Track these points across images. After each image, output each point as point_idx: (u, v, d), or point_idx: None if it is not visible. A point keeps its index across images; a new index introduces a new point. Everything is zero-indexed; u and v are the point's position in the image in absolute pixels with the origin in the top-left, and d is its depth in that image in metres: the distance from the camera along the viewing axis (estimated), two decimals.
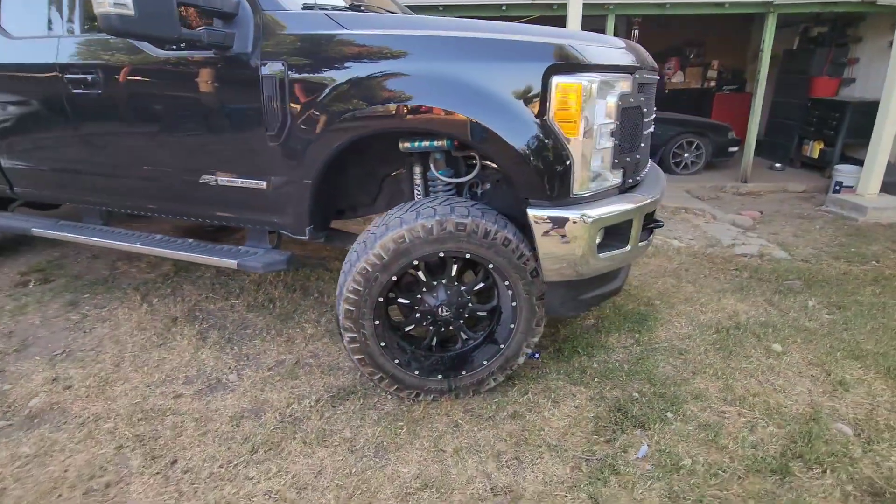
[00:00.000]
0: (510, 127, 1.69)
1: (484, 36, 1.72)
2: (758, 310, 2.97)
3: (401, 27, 1.86)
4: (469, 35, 1.73)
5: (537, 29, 1.81)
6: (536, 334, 2.07)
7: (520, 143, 1.69)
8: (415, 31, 1.79)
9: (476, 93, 1.70)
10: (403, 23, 2.00)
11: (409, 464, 1.78)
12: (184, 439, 1.91)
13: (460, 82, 1.71)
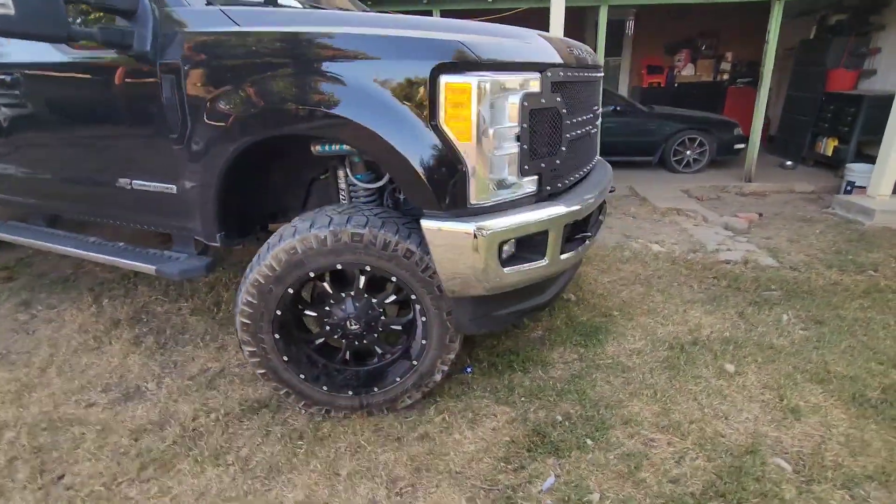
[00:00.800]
0: (398, 131, 1.56)
1: (370, 32, 1.59)
2: (725, 324, 2.76)
3: (294, 23, 1.74)
4: (353, 31, 1.60)
5: (432, 22, 1.67)
6: (451, 351, 1.94)
7: (408, 149, 1.56)
8: (303, 27, 1.67)
9: (363, 94, 1.57)
10: (301, 18, 1.88)
11: (296, 488, 1.68)
12: (79, 452, 1.86)
13: (346, 83, 1.58)
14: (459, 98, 1.50)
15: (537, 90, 1.64)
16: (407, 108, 1.54)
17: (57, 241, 2.61)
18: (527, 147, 1.66)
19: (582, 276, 3.41)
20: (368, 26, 1.66)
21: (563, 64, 1.77)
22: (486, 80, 1.50)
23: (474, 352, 2.44)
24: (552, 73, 1.69)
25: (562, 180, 1.89)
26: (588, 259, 3.72)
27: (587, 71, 2.04)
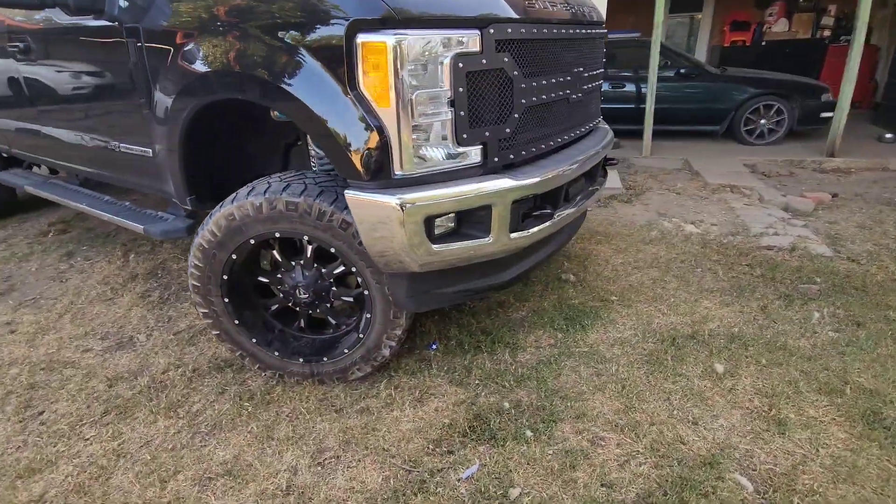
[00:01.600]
0: (317, 96, 1.48)
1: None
2: (738, 318, 2.45)
3: None
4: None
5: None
6: (397, 327, 1.88)
7: (329, 116, 1.48)
8: None
9: (287, 58, 1.50)
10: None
11: (228, 447, 1.74)
12: (62, 393, 2.05)
13: (272, 47, 1.52)
14: (376, 59, 1.38)
15: (476, 49, 1.48)
16: (326, 72, 1.45)
17: (76, 197, 2.84)
18: (464, 113, 1.52)
19: (592, 255, 3.18)
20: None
21: (519, 19, 1.57)
22: (405, 37, 1.36)
23: (447, 328, 2.37)
24: (497, 30, 1.50)
25: (520, 150, 1.72)
26: (607, 236, 3.45)
27: (566, 27, 1.81)
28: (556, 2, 1.77)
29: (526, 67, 1.64)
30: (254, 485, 1.59)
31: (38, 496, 1.57)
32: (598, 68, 2.22)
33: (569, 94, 1.92)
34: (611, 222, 3.76)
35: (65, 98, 2.49)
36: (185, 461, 1.68)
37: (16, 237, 3.83)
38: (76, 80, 2.37)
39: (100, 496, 1.56)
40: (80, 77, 2.34)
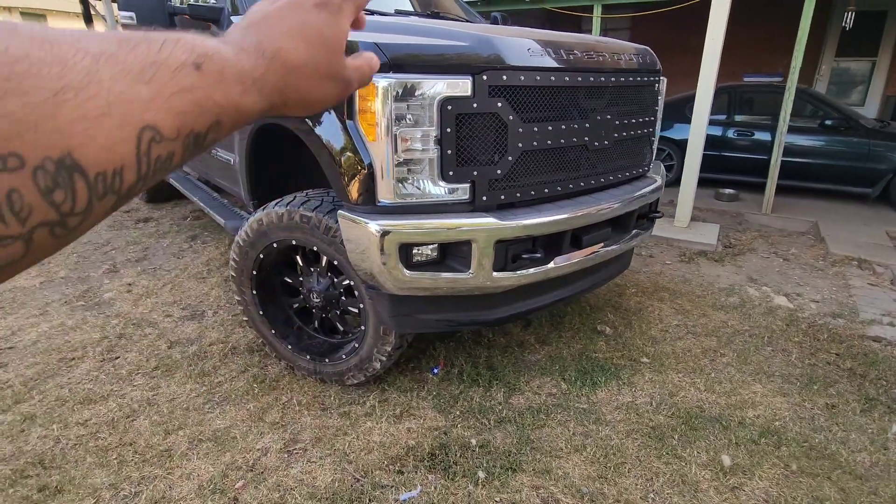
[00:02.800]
0: (324, 126, 1.68)
1: None
2: (790, 412, 2.10)
3: None
4: None
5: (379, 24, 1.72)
6: (387, 343, 2.00)
7: (328, 142, 1.68)
8: None
9: None
10: None
11: (226, 418, 2.00)
12: (137, 345, 2.54)
13: None
14: (368, 98, 1.55)
15: (467, 94, 1.57)
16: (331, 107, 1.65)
17: (195, 192, 3.47)
18: (451, 152, 1.61)
19: (645, 310, 2.95)
20: None
21: (517, 67, 1.62)
22: (393, 80, 1.51)
23: (456, 356, 2.42)
24: (491, 77, 1.57)
25: (515, 192, 1.75)
26: (673, 293, 3.17)
27: (584, 74, 1.80)
28: (572, 49, 1.77)
29: (525, 112, 1.67)
30: (229, 455, 1.82)
31: (84, 421, 1.98)
32: (639, 116, 2.12)
33: (588, 140, 1.88)
34: (686, 280, 3.44)
35: None
36: (190, 421, 1.98)
37: (165, 218, 4.75)
38: None
39: (122, 431, 1.92)
40: None
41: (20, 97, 0.21)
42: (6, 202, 0.21)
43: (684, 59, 7.00)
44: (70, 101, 0.22)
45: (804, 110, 5.55)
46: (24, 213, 0.21)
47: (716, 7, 3.83)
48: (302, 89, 0.36)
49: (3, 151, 0.20)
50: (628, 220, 2.16)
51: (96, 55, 0.24)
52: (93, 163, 0.23)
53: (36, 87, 0.21)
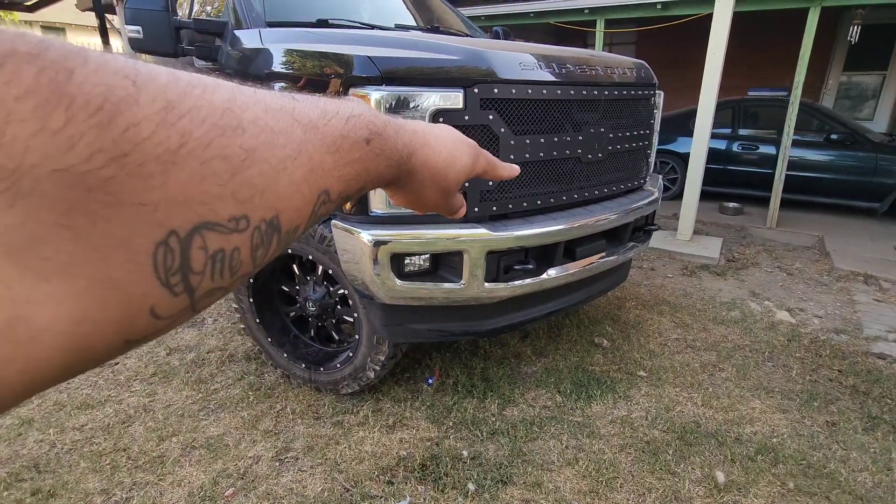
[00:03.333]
0: None
1: (308, 48, 1.78)
2: (789, 429, 2.07)
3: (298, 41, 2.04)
4: (305, 48, 1.81)
5: (357, 36, 1.76)
6: (380, 353, 2.00)
7: None
8: (293, 44, 1.95)
9: None
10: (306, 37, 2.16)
11: (220, 425, 2.01)
12: (138, 352, 2.56)
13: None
14: None
15: (458, 106, 1.59)
16: None
17: None
18: None
19: (644, 323, 2.93)
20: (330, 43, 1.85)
21: (508, 80, 1.64)
22: (385, 93, 1.54)
23: (452, 367, 2.41)
24: (482, 90, 1.60)
25: (507, 203, 1.76)
26: (673, 307, 3.15)
27: (577, 87, 1.82)
28: (565, 63, 1.79)
29: (517, 125, 1.69)
30: (221, 462, 1.82)
31: (80, 426, 2.00)
32: (634, 129, 2.13)
33: (581, 153, 1.89)
34: (687, 293, 3.41)
35: None
36: (184, 427, 1.99)
37: None
38: None
39: (116, 436, 1.94)
40: None
41: (258, 165, 0.23)
42: (230, 259, 0.22)
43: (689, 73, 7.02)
44: (288, 169, 0.24)
45: (810, 124, 5.53)
46: (236, 268, 0.23)
47: (717, 22, 3.85)
48: (425, 185, 0.40)
49: (239, 214, 0.22)
50: (624, 232, 2.16)
51: (306, 126, 0.26)
52: (288, 222, 0.25)
53: (270, 156, 0.23)
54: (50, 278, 0.17)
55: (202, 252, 0.21)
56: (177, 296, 0.21)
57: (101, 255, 0.18)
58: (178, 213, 0.20)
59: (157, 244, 0.19)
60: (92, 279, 0.18)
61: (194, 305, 0.22)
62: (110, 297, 0.19)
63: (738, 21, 4.14)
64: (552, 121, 1.79)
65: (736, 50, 4.97)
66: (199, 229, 0.20)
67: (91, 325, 0.19)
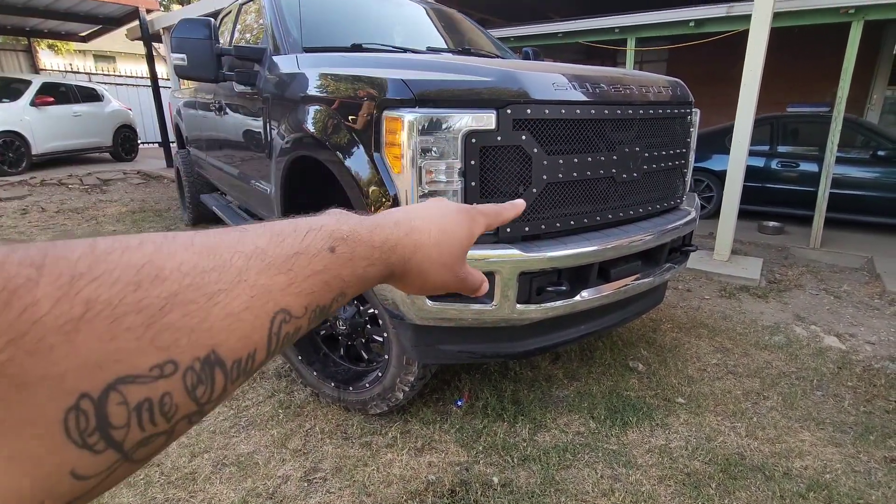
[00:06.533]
0: (353, 157, 1.74)
1: (342, 72, 1.81)
2: (843, 464, 1.94)
3: (330, 65, 2.09)
4: (338, 72, 1.84)
5: (391, 59, 1.78)
6: (410, 373, 1.98)
7: (356, 173, 1.72)
8: (325, 69, 2.00)
9: (334, 124, 1.81)
10: (334, 61, 2.21)
11: (250, 443, 2.02)
12: None
13: (326, 114, 1.85)
14: (395, 131, 1.59)
15: (491, 127, 1.59)
16: (359, 139, 1.71)
17: (235, 219, 3.62)
18: (475, 184, 1.62)
19: (682, 347, 2.83)
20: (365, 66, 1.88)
21: (541, 101, 1.63)
22: (419, 115, 1.55)
23: (481, 388, 2.37)
24: (515, 110, 1.59)
25: (540, 224, 1.73)
26: (712, 330, 3.03)
27: (610, 107, 1.79)
28: (598, 83, 1.77)
29: (550, 145, 1.68)
30: (251, 480, 1.82)
31: None
32: (670, 148, 2.08)
33: (615, 173, 1.86)
34: (726, 316, 3.28)
35: (233, 143, 3.27)
36: (216, 444, 2.01)
37: None
38: (238, 131, 3.11)
39: None
40: (240, 129, 3.07)
41: (182, 308, 0.22)
42: (159, 405, 0.22)
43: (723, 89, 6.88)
44: (221, 303, 0.24)
45: (854, 141, 5.32)
46: (171, 413, 0.22)
47: (753, 39, 3.77)
48: (423, 269, 0.39)
49: (163, 360, 0.21)
50: (660, 253, 2.09)
51: (249, 255, 0.26)
52: (231, 353, 0.24)
53: (196, 296, 0.23)
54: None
55: (122, 407, 0.21)
56: (99, 454, 0.20)
57: (11, 432, 0.18)
58: (87, 377, 0.20)
59: (67, 410, 0.19)
60: (1, 456, 0.18)
61: (128, 456, 0.22)
62: (23, 471, 0.19)
63: (776, 35, 4.05)
64: (586, 141, 1.77)
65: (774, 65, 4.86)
66: (114, 386, 0.20)
67: (3, 500, 0.19)
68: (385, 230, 0.36)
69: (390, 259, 0.36)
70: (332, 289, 0.31)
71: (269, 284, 0.27)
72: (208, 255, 0.25)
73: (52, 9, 9.72)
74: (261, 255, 0.27)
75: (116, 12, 10.05)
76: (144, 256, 0.22)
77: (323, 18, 2.71)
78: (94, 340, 0.20)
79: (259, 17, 2.86)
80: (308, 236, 0.30)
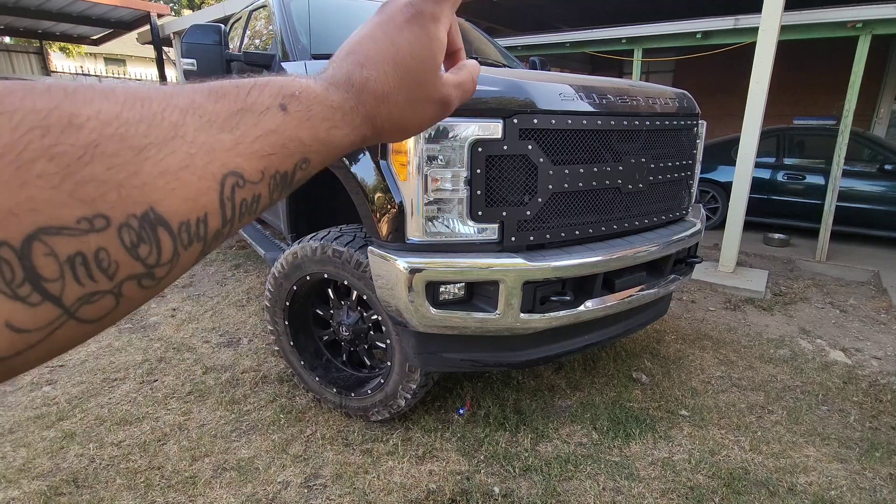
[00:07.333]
0: (359, 164, 1.75)
1: None
2: (848, 480, 1.92)
3: None
4: None
5: None
6: (412, 381, 1.98)
7: (362, 180, 1.73)
8: None
9: None
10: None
11: (251, 448, 2.02)
12: (174, 369, 2.62)
13: None
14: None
15: (497, 136, 1.59)
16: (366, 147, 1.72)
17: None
18: (481, 193, 1.63)
19: (685, 359, 2.81)
20: None
21: (548, 111, 1.64)
22: None
23: (483, 397, 2.36)
24: (522, 120, 1.60)
25: (545, 233, 1.74)
26: (717, 343, 3.01)
27: (618, 118, 1.80)
28: (605, 94, 1.78)
29: (556, 155, 1.68)
30: (251, 486, 1.82)
31: (119, 442, 2.04)
32: (676, 159, 2.08)
33: (621, 183, 1.86)
34: (731, 328, 3.26)
35: None
36: (216, 448, 2.01)
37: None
38: None
39: (152, 454, 1.97)
40: None
41: (105, 160, 0.21)
42: (94, 260, 0.21)
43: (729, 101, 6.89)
44: (152, 158, 0.23)
45: (861, 154, 5.30)
46: (111, 270, 0.22)
47: (760, 51, 3.78)
48: (395, 117, 0.35)
49: (90, 214, 0.21)
50: (665, 264, 2.09)
51: (184, 109, 0.25)
52: (175, 214, 0.23)
53: (121, 148, 0.22)
54: None
55: (51, 259, 0.20)
56: (35, 306, 0.20)
57: None
58: (2, 225, 0.19)
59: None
60: None
61: (72, 313, 0.21)
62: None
63: (783, 48, 4.05)
64: (592, 151, 1.77)
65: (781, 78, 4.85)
66: (37, 236, 0.20)
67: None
68: (339, 90, 0.32)
69: (355, 121, 0.32)
70: (291, 153, 0.28)
71: (210, 142, 0.25)
72: (134, 106, 0.23)
73: (64, 12, 9.84)
74: (198, 111, 0.25)
75: (128, 17, 10.17)
76: (51, 101, 0.21)
77: (332, 25, 2.74)
78: (1, 186, 0.19)
79: (269, 24, 2.89)
80: (253, 92, 0.28)
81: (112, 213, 0.21)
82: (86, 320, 0.22)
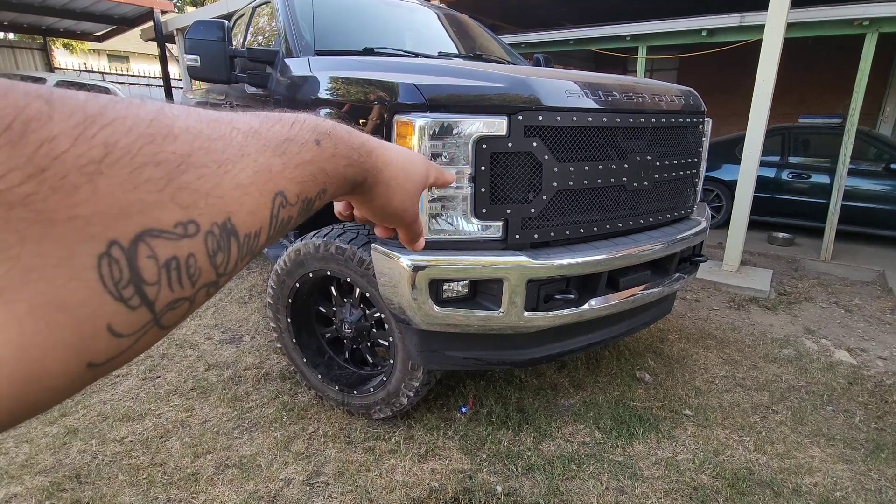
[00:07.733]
0: None
1: (354, 76, 1.81)
2: (854, 481, 1.90)
3: (340, 69, 2.09)
4: (349, 76, 1.85)
5: (402, 64, 1.78)
6: (415, 378, 1.97)
7: None
8: (335, 72, 2.00)
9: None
10: (344, 64, 2.21)
11: (253, 445, 2.01)
12: (176, 366, 2.62)
13: (336, 117, 1.84)
14: (405, 136, 1.59)
15: (502, 133, 1.58)
16: None
17: None
18: (485, 190, 1.62)
19: (689, 358, 2.79)
20: (376, 70, 1.89)
21: (553, 108, 1.63)
22: (430, 119, 1.54)
23: (486, 395, 2.35)
24: (527, 117, 1.59)
25: (549, 231, 1.72)
26: (721, 342, 3.00)
27: (623, 115, 1.78)
28: (611, 91, 1.76)
29: (561, 152, 1.67)
30: (253, 483, 1.82)
31: (121, 438, 2.04)
32: (681, 157, 2.07)
33: (626, 181, 1.85)
34: (735, 327, 3.24)
35: None
36: (219, 445, 2.01)
37: None
38: None
39: (154, 450, 1.96)
40: None
41: (196, 170, 0.23)
42: (185, 266, 0.22)
43: (734, 99, 6.86)
44: (230, 172, 0.25)
45: (866, 153, 5.26)
46: (195, 276, 0.23)
47: (766, 49, 3.75)
48: (391, 186, 0.41)
49: (185, 219, 0.22)
50: (669, 262, 2.07)
51: (246, 132, 0.27)
52: (243, 225, 0.25)
53: (207, 160, 0.24)
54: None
55: (152, 261, 0.21)
56: (134, 310, 0.20)
57: (39, 275, 0.18)
58: (114, 224, 0.19)
59: (99, 256, 0.19)
60: (33, 302, 0.17)
61: (158, 319, 0.22)
62: (59, 319, 0.18)
63: (789, 46, 4.02)
64: (597, 148, 1.76)
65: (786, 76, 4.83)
66: (143, 237, 0.20)
67: (40, 351, 0.18)
68: (361, 136, 0.37)
69: (366, 164, 0.37)
70: (318, 182, 0.32)
71: (268, 164, 0.27)
72: (210, 125, 0.25)
73: (68, 8, 9.85)
74: (256, 135, 0.27)
75: (131, 13, 10.17)
76: (151, 112, 0.22)
77: (335, 22, 2.72)
78: (117, 187, 0.19)
79: (272, 20, 2.88)
80: (295, 126, 0.31)
81: (201, 219, 0.23)
82: (165, 327, 0.23)
